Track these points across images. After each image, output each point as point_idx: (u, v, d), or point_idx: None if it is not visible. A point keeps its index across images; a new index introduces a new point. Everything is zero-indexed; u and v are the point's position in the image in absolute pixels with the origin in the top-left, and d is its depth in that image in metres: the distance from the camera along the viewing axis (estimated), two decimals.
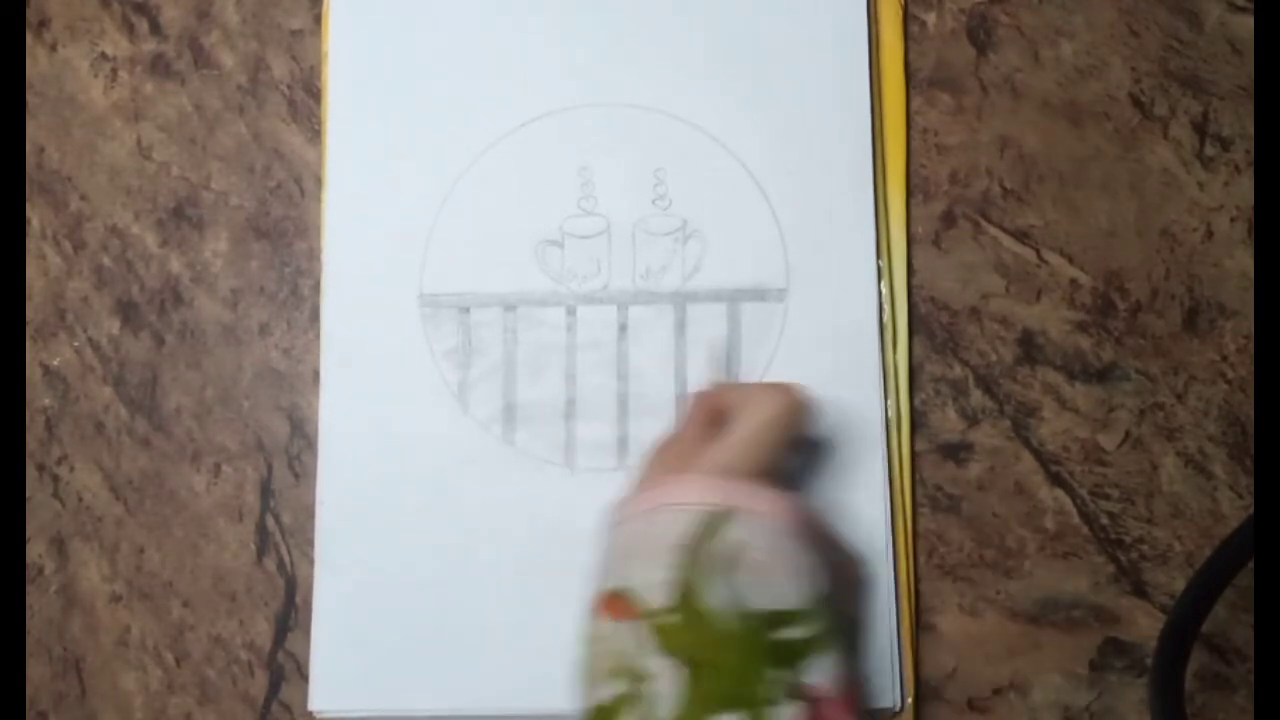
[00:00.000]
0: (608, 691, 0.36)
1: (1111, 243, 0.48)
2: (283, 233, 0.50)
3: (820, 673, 0.36)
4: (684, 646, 0.35)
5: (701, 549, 0.36)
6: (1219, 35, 0.49)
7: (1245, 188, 0.48)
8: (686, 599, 0.36)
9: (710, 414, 0.41)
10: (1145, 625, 0.46)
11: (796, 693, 0.35)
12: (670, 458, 0.40)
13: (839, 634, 0.37)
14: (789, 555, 0.37)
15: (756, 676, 0.35)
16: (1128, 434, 0.47)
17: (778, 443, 0.39)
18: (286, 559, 0.48)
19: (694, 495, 0.37)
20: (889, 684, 0.45)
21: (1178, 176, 0.49)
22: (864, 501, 0.46)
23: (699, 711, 0.34)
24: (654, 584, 0.36)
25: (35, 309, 0.50)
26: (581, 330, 0.48)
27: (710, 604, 0.35)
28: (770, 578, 0.36)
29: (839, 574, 0.40)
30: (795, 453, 0.43)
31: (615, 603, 0.37)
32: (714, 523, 0.37)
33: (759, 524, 0.37)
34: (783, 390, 0.40)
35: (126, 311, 0.49)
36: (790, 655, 0.36)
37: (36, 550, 0.48)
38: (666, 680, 0.35)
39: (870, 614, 0.45)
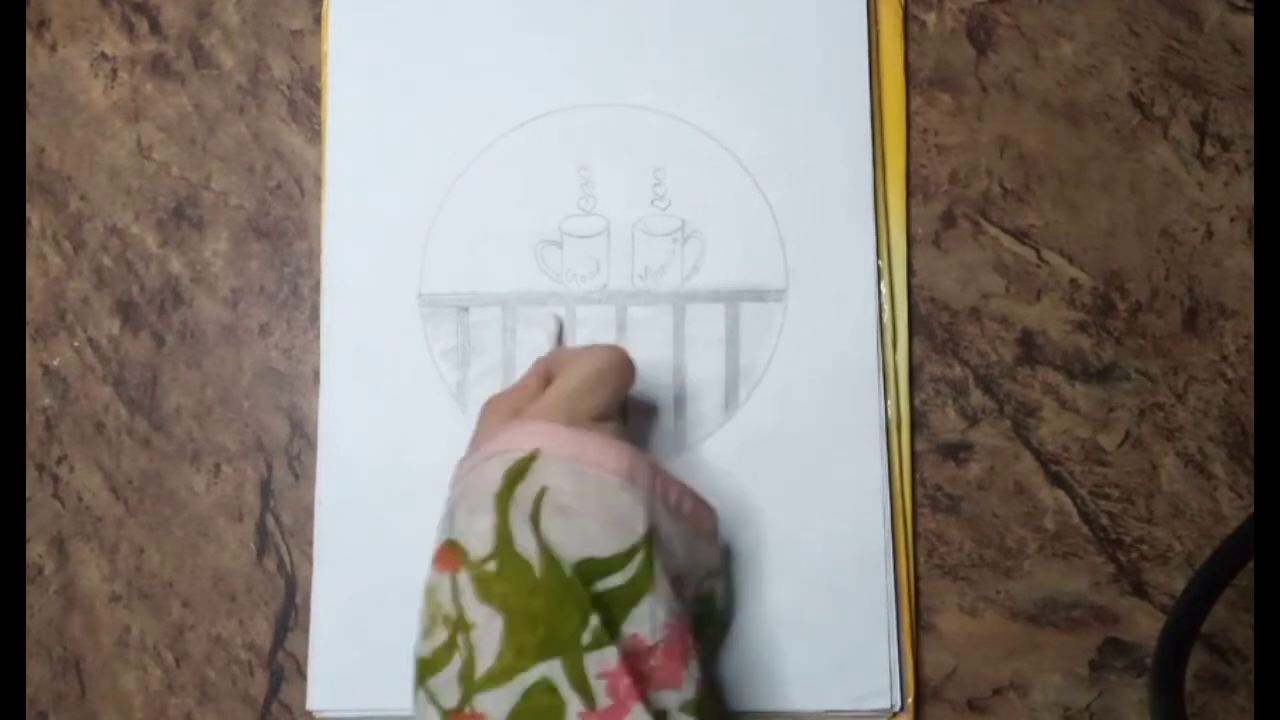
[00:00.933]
0: (432, 643, 0.36)
1: (1111, 243, 0.48)
2: (283, 233, 0.50)
3: (642, 621, 0.36)
4: (500, 594, 0.35)
5: (511, 494, 0.36)
6: (1219, 35, 0.49)
7: (1245, 188, 0.48)
8: (502, 546, 0.35)
9: (544, 377, 0.41)
10: (1145, 625, 0.46)
11: (619, 640, 0.35)
12: (502, 415, 0.40)
13: (664, 582, 0.37)
14: (600, 500, 0.37)
15: (571, 623, 0.35)
16: (1128, 434, 0.47)
17: (595, 396, 0.39)
18: (286, 559, 0.48)
19: (509, 442, 0.37)
20: (889, 684, 0.45)
21: (1178, 176, 0.49)
22: (864, 501, 0.46)
23: (516, 659, 0.34)
24: (475, 532, 0.36)
25: (35, 309, 0.50)
26: (581, 330, 0.48)
27: (523, 550, 0.35)
28: (580, 522, 0.36)
29: (684, 524, 0.39)
30: (626, 414, 0.43)
31: (445, 554, 0.37)
32: (523, 467, 0.37)
33: (566, 467, 0.37)
34: (605, 349, 0.41)
35: (126, 311, 0.49)
36: (613, 603, 0.35)
37: (36, 550, 0.48)
38: (485, 628, 0.35)
39: (862, 610, 0.45)
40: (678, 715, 0.35)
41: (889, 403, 0.47)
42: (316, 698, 0.46)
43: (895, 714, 0.45)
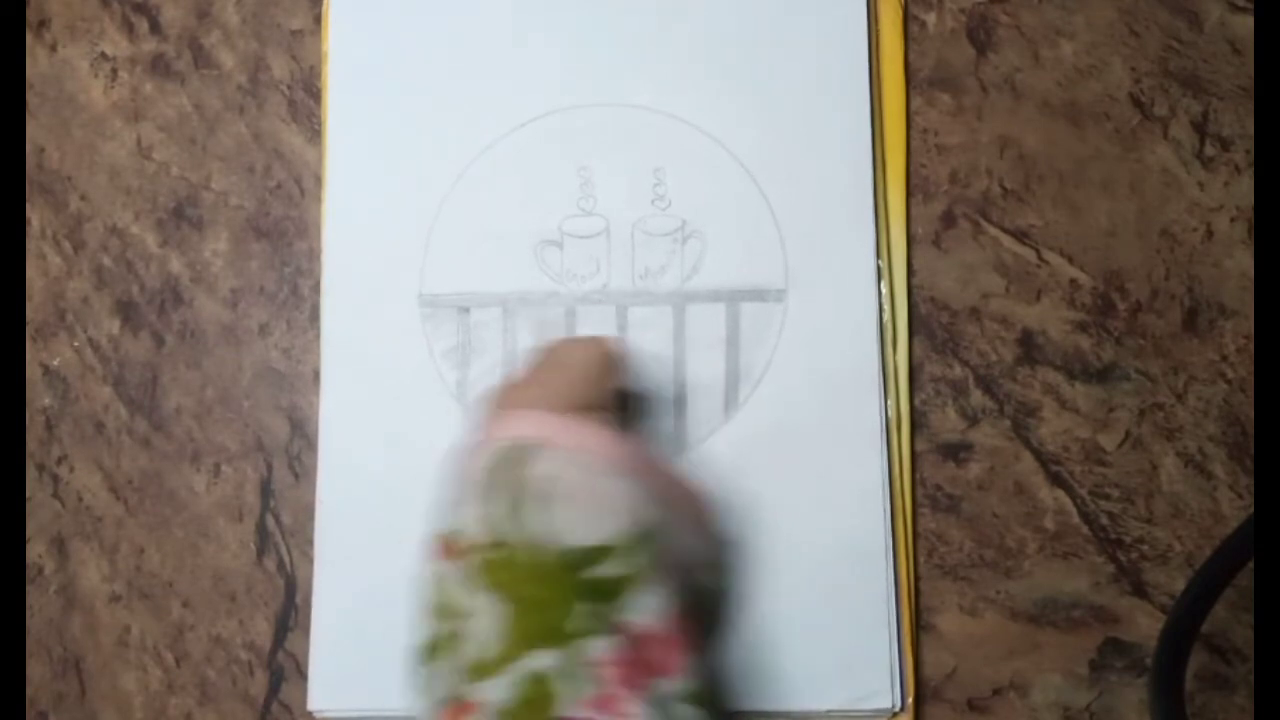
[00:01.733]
0: (430, 631, 0.36)
1: (1111, 243, 0.48)
2: (283, 233, 0.50)
3: (642, 609, 0.36)
4: (499, 582, 0.35)
5: (508, 482, 0.36)
6: (1219, 35, 0.49)
7: (1245, 188, 0.48)
8: (500, 534, 0.35)
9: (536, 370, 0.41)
10: (1145, 625, 0.46)
11: (613, 628, 0.35)
12: (499, 404, 0.40)
13: (662, 572, 0.37)
14: (590, 488, 0.37)
15: (567, 611, 0.34)
16: (1128, 434, 0.47)
17: (588, 385, 0.40)
18: (286, 559, 0.48)
19: (504, 431, 0.38)
20: (889, 684, 0.45)
21: (1178, 176, 0.49)
22: (864, 501, 0.46)
23: (514, 648, 0.34)
24: (470, 521, 0.36)
25: (35, 309, 0.50)
26: (581, 331, 0.48)
27: (520, 538, 0.35)
28: (577, 511, 0.36)
29: (682, 514, 0.39)
30: (621, 403, 0.43)
31: (444, 543, 0.37)
32: (517, 455, 0.37)
33: (562, 456, 0.37)
34: (594, 340, 0.41)
35: (126, 311, 0.49)
36: (605, 591, 0.35)
37: (36, 550, 0.48)
38: (484, 617, 0.35)
39: (862, 610, 0.45)
40: (675, 705, 0.35)
41: (889, 403, 0.47)
42: (317, 698, 0.46)
43: (895, 714, 0.45)
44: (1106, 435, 0.47)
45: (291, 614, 0.47)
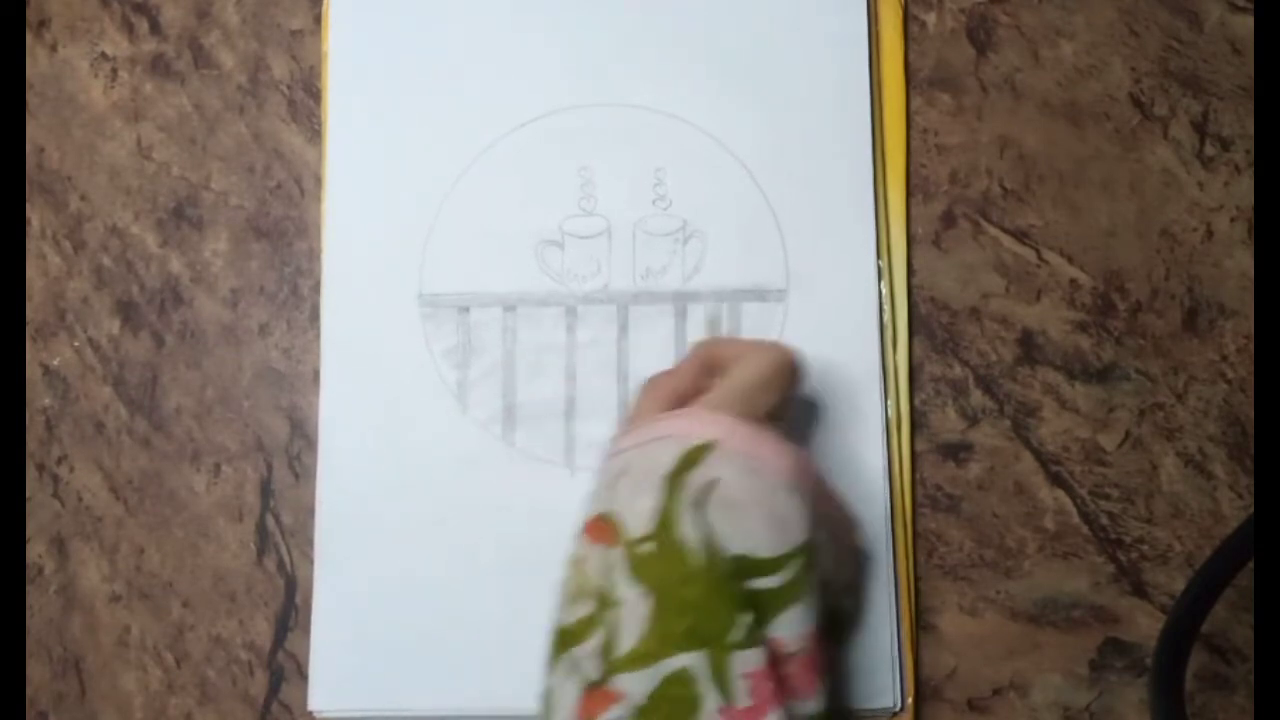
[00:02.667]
0: (576, 613, 0.36)
1: (1111, 243, 0.48)
2: (283, 233, 0.50)
3: (788, 627, 0.36)
4: (654, 576, 0.35)
5: (682, 480, 0.36)
6: (1219, 35, 0.49)
7: (1245, 188, 0.49)
8: (664, 529, 0.35)
9: (705, 362, 0.41)
10: (1145, 625, 0.46)
11: (760, 641, 0.35)
12: (663, 396, 0.40)
13: (813, 591, 0.37)
14: (768, 500, 0.36)
15: (721, 618, 0.34)
16: (1128, 434, 0.47)
17: (769, 395, 0.39)
18: (286, 559, 0.48)
19: (685, 428, 0.37)
20: (889, 684, 0.45)
21: (1178, 176, 0.49)
22: (864, 501, 0.46)
23: (660, 644, 0.34)
24: (636, 511, 0.36)
25: (35, 309, 0.50)
26: (581, 330, 0.48)
27: (685, 537, 0.35)
28: (746, 519, 0.36)
29: (832, 535, 0.39)
30: (788, 414, 0.42)
31: (599, 527, 0.37)
32: (696, 455, 0.36)
33: (740, 462, 0.36)
34: (778, 348, 0.41)
35: (126, 311, 0.49)
36: (759, 603, 0.35)
37: (36, 550, 0.48)
38: (633, 608, 0.35)
39: (870, 609, 0.45)
40: None
41: (889, 403, 0.47)
42: (317, 698, 0.46)
43: (895, 714, 0.45)
44: (1106, 435, 0.47)
45: (291, 614, 0.47)
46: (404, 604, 0.46)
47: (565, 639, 0.36)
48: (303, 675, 0.46)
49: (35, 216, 0.50)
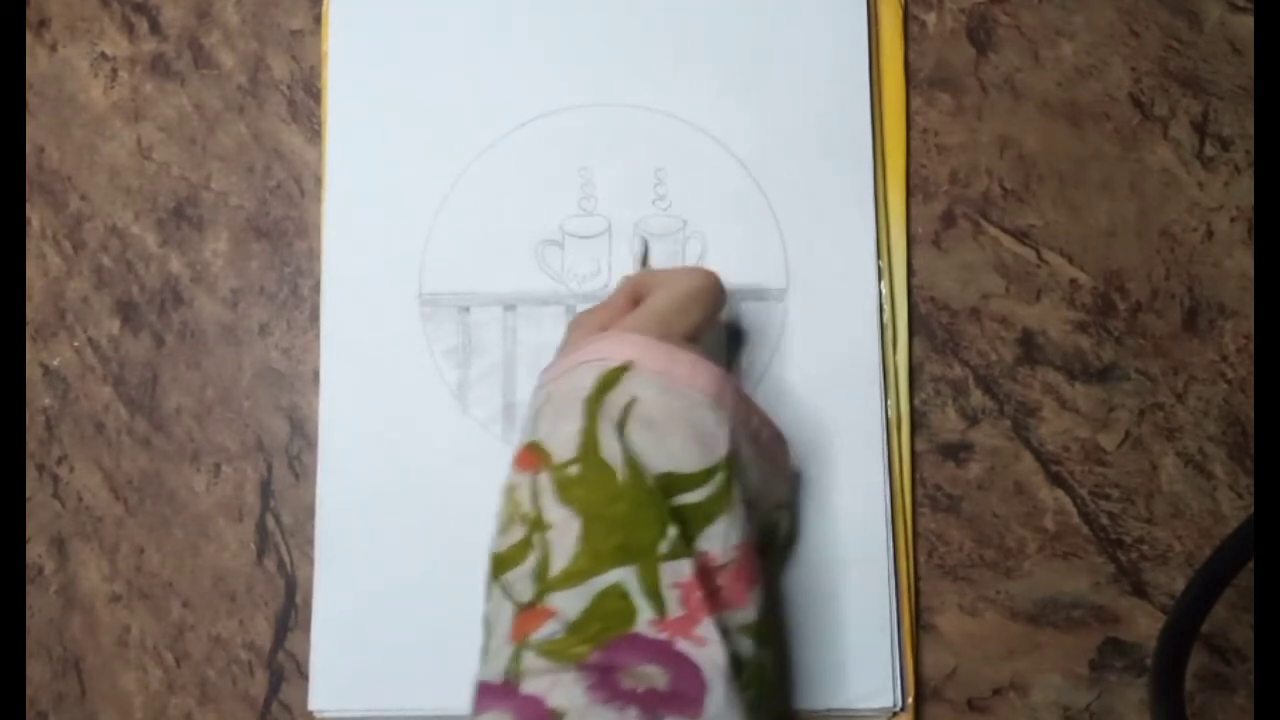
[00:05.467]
0: (509, 540, 0.37)
1: (1111, 243, 0.48)
2: (283, 233, 0.50)
3: (715, 540, 0.36)
4: (581, 498, 0.36)
5: (601, 402, 0.37)
6: (1219, 35, 0.49)
7: (1245, 188, 0.49)
8: (587, 451, 0.36)
9: (632, 295, 0.42)
10: (1145, 625, 0.46)
11: (689, 554, 0.35)
12: (591, 330, 0.41)
13: (739, 505, 0.37)
14: (687, 416, 0.37)
15: (649, 532, 0.35)
16: (1128, 434, 0.47)
17: (687, 316, 0.40)
18: (286, 559, 0.48)
19: (602, 351, 0.38)
20: (889, 684, 0.45)
21: (1178, 176, 0.49)
22: (864, 501, 0.46)
23: (592, 562, 0.35)
24: (560, 436, 0.37)
25: (35, 309, 0.50)
26: None
27: (608, 457, 0.36)
28: (666, 436, 0.36)
29: (760, 453, 0.40)
30: (714, 339, 0.43)
31: (527, 456, 0.37)
32: (614, 377, 0.37)
33: (657, 381, 0.37)
34: (697, 271, 0.42)
35: (126, 311, 0.49)
36: (685, 518, 0.36)
37: (36, 550, 0.48)
38: (562, 530, 0.35)
39: (862, 610, 0.45)
40: (738, 636, 0.36)
41: (889, 403, 0.47)
42: (318, 698, 0.46)
43: (895, 714, 0.45)
44: (1106, 435, 0.47)
45: (291, 614, 0.47)
46: (404, 604, 0.46)
47: (500, 564, 0.37)
48: (303, 675, 0.46)
49: (35, 216, 0.50)
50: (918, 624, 0.46)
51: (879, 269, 0.48)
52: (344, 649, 0.46)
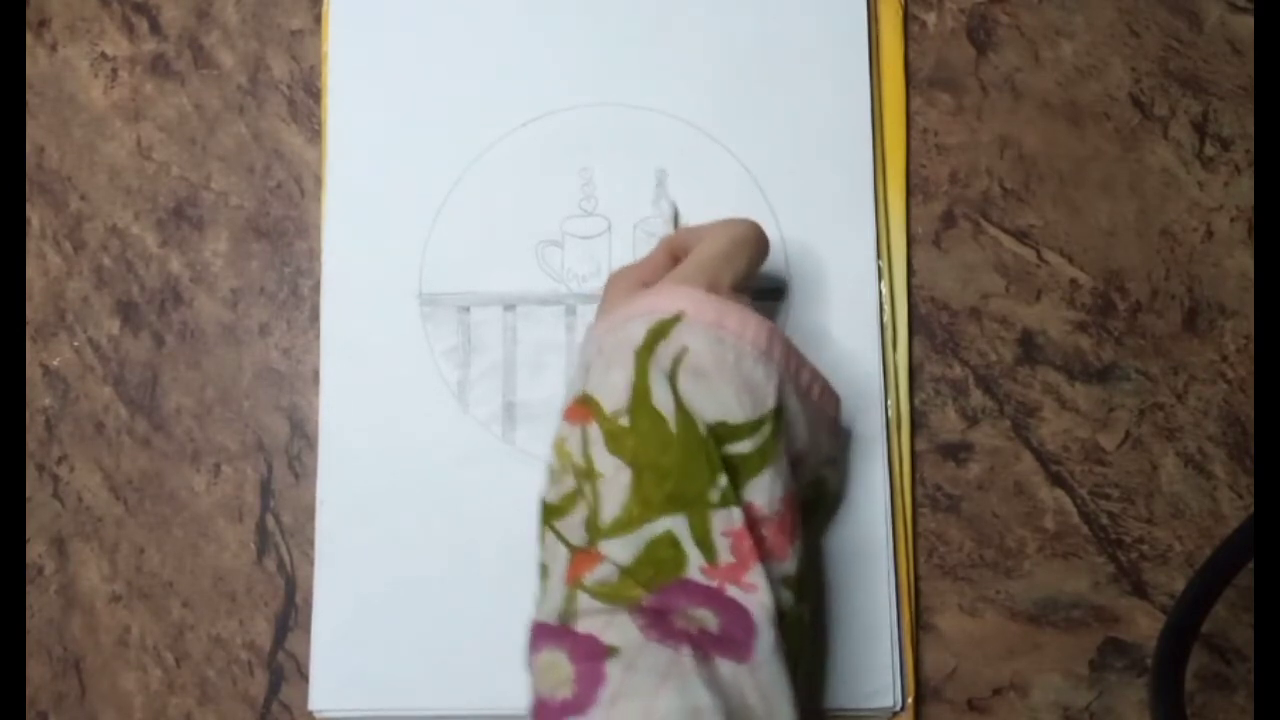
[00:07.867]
0: (560, 490, 0.37)
1: (1111, 243, 0.48)
2: (283, 233, 0.50)
3: (761, 492, 0.36)
4: (631, 448, 0.36)
5: (652, 352, 0.37)
6: (1219, 35, 0.49)
7: (1245, 188, 0.49)
8: (638, 401, 0.36)
9: (671, 251, 0.42)
10: (1145, 625, 0.46)
11: (738, 502, 0.36)
12: (631, 286, 0.41)
13: (784, 458, 0.38)
14: (736, 367, 0.37)
15: (700, 481, 0.36)
16: (1128, 434, 0.47)
17: (734, 265, 0.40)
18: (286, 559, 0.48)
19: (652, 304, 0.38)
20: (889, 684, 0.45)
21: (1178, 176, 0.49)
22: (864, 501, 0.46)
23: (642, 512, 0.35)
24: (610, 386, 0.37)
25: (35, 309, 0.50)
26: (581, 330, 0.48)
27: (660, 406, 0.36)
28: (715, 386, 0.37)
29: (809, 407, 0.40)
30: (758, 289, 0.43)
31: (577, 408, 0.38)
32: (664, 328, 0.37)
33: (708, 332, 0.37)
34: (740, 221, 0.41)
35: (126, 311, 0.49)
36: (732, 468, 0.36)
37: (36, 550, 0.48)
38: (613, 480, 0.36)
39: (862, 610, 0.45)
40: (779, 587, 0.36)
41: (889, 403, 0.47)
42: (318, 698, 0.46)
43: (895, 714, 0.45)
44: (1106, 435, 0.47)
45: (291, 614, 0.47)
46: (404, 604, 0.46)
47: (551, 513, 0.38)
48: (303, 675, 0.46)
49: (35, 216, 0.50)
50: (918, 624, 0.46)
51: (879, 269, 0.48)
52: (344, 649, 0.46)
